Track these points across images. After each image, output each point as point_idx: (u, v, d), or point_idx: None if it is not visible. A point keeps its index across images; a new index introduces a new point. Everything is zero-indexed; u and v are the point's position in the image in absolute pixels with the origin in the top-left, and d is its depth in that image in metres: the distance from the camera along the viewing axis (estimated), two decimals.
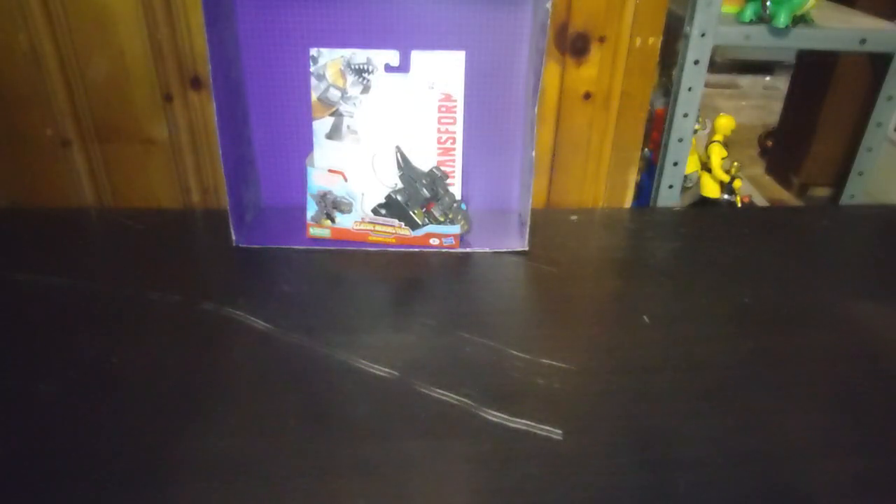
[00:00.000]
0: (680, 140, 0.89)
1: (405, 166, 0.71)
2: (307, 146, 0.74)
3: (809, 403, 0.54)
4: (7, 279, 0.66)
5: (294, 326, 0.60)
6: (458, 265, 0.72)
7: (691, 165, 1.22)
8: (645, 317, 0.63)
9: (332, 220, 0.73)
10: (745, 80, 2.93)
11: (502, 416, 0.51)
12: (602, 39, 0.76)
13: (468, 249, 0.74)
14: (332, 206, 0.72)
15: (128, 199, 0.82)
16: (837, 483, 0.46)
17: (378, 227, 0.73)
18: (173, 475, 0.45)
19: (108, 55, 0.74)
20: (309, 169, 0.71)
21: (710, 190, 1.27)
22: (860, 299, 0.68)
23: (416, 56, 0.68)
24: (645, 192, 0.97)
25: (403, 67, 0.68)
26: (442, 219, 0.72)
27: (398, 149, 0.71)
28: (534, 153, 0.71)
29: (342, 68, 0.68)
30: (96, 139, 0.79)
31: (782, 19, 0.87)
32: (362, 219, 0.73)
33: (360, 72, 0.68)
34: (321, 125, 0.70)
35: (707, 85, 0.98)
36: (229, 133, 0.71)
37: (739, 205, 1.30)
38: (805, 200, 1.76)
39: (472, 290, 0.67)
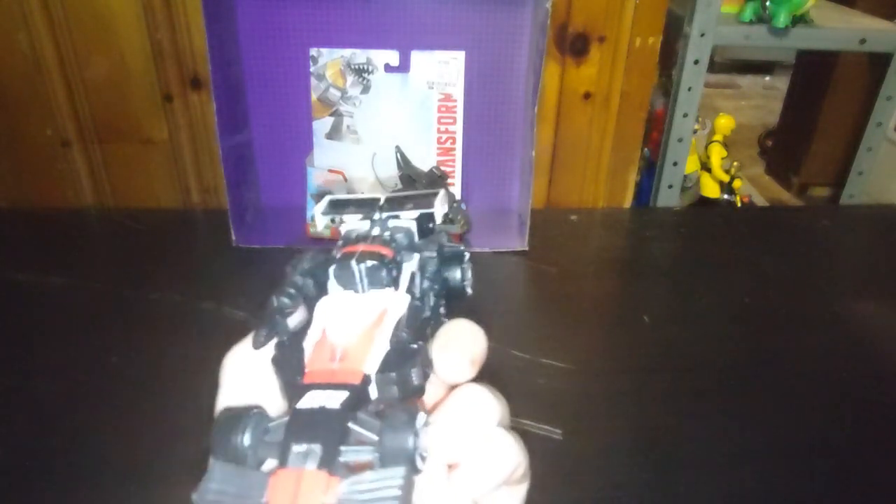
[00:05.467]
0: (680, 140, 0.89)
1: (405, 166, 0.71)
2: (307, 146, 0.74)
3: (809, 403, 0.54)
4: (7, 279, 0.66)
5: None
6: None
7: (691, 165, 1.22)
8: (645, 317, 0.63)
9: (333, 220, 0.73)
10: (745, 80, 2.94)
11: None
12: (602, 39, 0.76)
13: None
14: None
15: (128, 199, 0.82)
16: (837, 483, 0.46)
17: None
18: (173, 475, 0.45)
19: (108, 55, 0.74)
20: (309, 169, 0.71)
21: (710, 190, 1.28)
22: (860, 299, 0.68)
23: (416, 56, 0.68)
24: (645, 192, 0.97)
25: (403, 67, 0.68)
26: None
27: (398, 149, 0.71)
28: (534, 153, 0.71)
29: (342, 68, 0.68)
30: (96, 139, 0.79)
31: (782, 19, 0.87)
32: None
33: (360, 72, 0.68)
34: (321, 125, 0.70)
35: (707, 85, 0.98)
36: (229, 133, 0.71)
37: (739, 205, 1.30)
38: (805, 200, 1.76)
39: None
